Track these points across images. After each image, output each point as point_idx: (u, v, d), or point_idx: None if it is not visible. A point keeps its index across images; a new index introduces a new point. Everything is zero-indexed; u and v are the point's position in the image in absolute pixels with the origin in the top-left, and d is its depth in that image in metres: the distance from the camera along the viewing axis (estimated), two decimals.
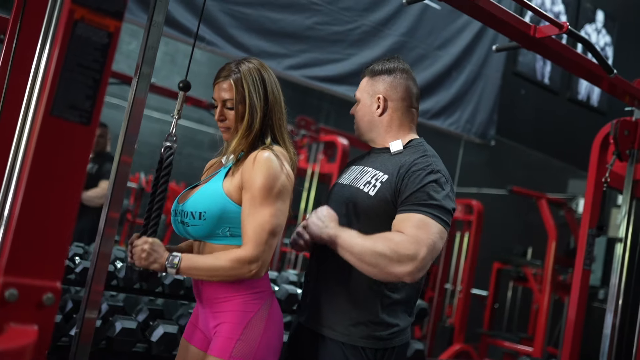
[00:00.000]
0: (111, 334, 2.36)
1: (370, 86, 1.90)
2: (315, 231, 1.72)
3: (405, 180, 1.71)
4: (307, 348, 1.83)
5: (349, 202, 1.81)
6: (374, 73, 1.91)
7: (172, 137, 1.77)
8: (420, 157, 1.76)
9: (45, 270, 0.90)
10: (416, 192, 1.68)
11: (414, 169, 1.72)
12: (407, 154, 1.80)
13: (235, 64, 1.75)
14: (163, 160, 1.73)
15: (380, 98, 1.87)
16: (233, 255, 1.61)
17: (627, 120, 2.64)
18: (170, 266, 1.61)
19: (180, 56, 8.02)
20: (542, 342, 5.33)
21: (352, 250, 1.64)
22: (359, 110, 1.92)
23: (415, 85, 1.94)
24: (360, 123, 1.93)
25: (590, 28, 6.58)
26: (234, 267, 1.60)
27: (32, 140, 0.91)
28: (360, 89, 1.93)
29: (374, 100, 1.88)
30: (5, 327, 0.86)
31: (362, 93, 1.91)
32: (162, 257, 1.62)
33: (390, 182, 1.74)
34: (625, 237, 2.72)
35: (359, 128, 1.94)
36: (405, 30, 4.32)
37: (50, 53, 0.99)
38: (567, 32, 2.07)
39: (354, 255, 1.64)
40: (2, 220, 1.01)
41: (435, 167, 1.73)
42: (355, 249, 1.64)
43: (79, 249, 2.83)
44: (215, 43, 3.51)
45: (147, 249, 1.62)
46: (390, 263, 1.59)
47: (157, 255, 1.62)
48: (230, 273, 1.61)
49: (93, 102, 0.90)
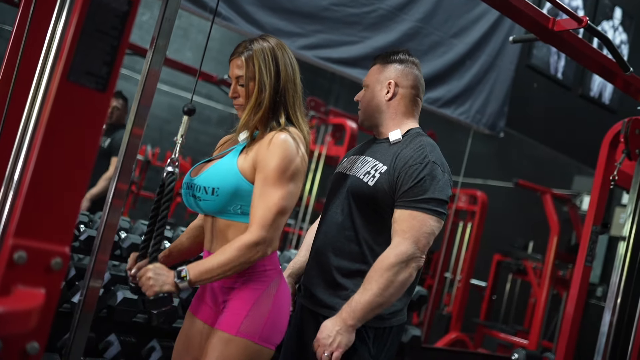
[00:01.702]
0: (112, 303, 2.38)
1: (380, 73, 1.94)
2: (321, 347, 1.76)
3: (402, 174, 1.77)
4: (309, 328, 1.86)
5: (349, 192, 1.86)
6: (385, 61, 1.95)
7: (175, 162, 1.73)
8: (416, 150, 1.82)
9: (55, 235, 0.90)
10: (413, 187, 1.75)
11: (411, 163, 1.78)
12: (404, 145, 1.85)
13: (250, 41, 1.75)
14: (165, 186, 1.70)
15: (391, 83, 1.91)
16: (238, 243, 1.60)
17: (639, 120, 2.62)
18: (180, 281, 1.59)
19: (193, 30, 7.98)
20: (538, 335, 5.35)
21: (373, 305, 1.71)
22: (367, 95, 1.96)
23: (422, 78, 2.00)
24: (366, 108, 1.96)
25: (607, 25, 6.51)
26: (242, 254, 1.59)
27: (47, 104, 0.90)
28: (369, 75, 1.97)
29: (384, 86, 1.92)
30: (13, 288, 0.86)
31: (371, 79, 1.95)
32: (169, 277, 1.59)
33: (388, 174, 1.80)
34: (628, 236, 2.71)
35: (365, 113, 1.97)
36: (422, 16, 4.28)
37: (69, 18, 0.98)
38: (586, 27, 2.05)
39: (380, 304, 1.72)
40: (13, 183, 1.01)
41: (430, 158, 1.79)
42: (376, 302, 1.71)
43: (84, 217, 2.85)
44: (230, 18, 3.48)
45: (152, 275, 1.59)
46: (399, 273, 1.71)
47: (164, 277, 1.60)
48: (241, 261, 1.60)
49: (110, 69, 0.90)
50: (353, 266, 1.82)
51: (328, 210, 1.94)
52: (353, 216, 1.84)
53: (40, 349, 0.89)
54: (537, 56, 5.88)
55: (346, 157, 2.07)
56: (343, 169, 1.99)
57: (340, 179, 1.95)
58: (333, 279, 1.83)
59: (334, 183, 1.98)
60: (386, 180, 1.78)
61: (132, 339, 2.48)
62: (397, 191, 1.77)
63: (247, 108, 1.71)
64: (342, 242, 1.84)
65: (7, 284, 0.86)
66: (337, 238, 1.85)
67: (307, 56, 3.83)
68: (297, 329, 1.93)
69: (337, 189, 1.94)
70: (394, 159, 1.81)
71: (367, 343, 1.79)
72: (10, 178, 1.08)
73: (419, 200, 1.74)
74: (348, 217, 1.85)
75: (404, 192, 1.75)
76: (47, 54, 1.10)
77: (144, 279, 1.60)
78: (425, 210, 1.73)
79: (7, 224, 0.91)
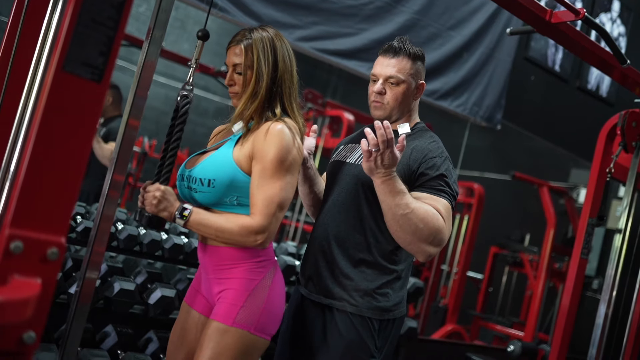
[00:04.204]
0: (109, 294, 2.38)
1: (413, 70, 1.90)
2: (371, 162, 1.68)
3: (423, 165, 1.78)
4: (312, 319, 1.86)
5: (359, 180, 1.84)
6: (414, 57, 1.90)
7: (189, 85, 1.75)
8: (431, 143, 1.85)
9: (51, 225, 0.90)
10: (436, 177, 1.77)
11: (431, 155, 1.80)
12: (416, 137, 1.88)
13: (249, 30, 1.75)
14: (179, 109, 1.72)
15: (423, 85, 1.94)
16: (242, 221, 1.62)
17: (635, 112, 2.63)
18: (179, 217, 1.62)
19: (190, 22, 7.96)
20: (534, 327, 5.38)
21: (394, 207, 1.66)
22: (403, 92, 1.88)
23: None
24: (397, 104, 1.89)
25: (605, 17, 6.50)
26: (241, 233, 1.61)
27: (42, 95, 0.90)
28: (402, 69, 1.88)
29: (416, 85, 1.92)
30: (9, 278, 0.87)
31: (406, 75, 1.88)
32: (172, 206, 1.63)
33: (401, 164, 1.79)
34: (624, 229, 2.73)
35: (395, 108, 1.90)
36: (419, 8, 4.27)
37: (65, 8, 0.98)
38: (583, 19, 2.05)
39: (393, 213, 1.67)
40: (9, 174, 1.01)
41: (446, 153, 1.84)
42: (398, 210, 1.66)
43: (80, 209, 2.85)
44: (227, 10, 3.47)
45: (159, 196, 1.62)
46: (425, 240, 1.69)
47: (168, 203, 1.63)
48: (236, 238, 1.62)
49: (106, 60, 0.90)
50: (357, 256, 1.81)
51: (328, 200, 1.92)
52: (360, 205, 1.83)
53: (37, 338, 0.89)
54: (535, 48, 5.88)
55: (341, 144, 2.06)
56: (341, 157, 1.96)
57: (339, 167, 1.93)
58: (337, 269, 1.82)
59: (332, 172, 1.96)
60: (400, 170, 1.77)
61: (129, 330, 2.49)
62: (419, 179, 1.78)
63: (243, 97, 1.71)
64: (345, 231, 1.83)
65: (3, 273, 0.86)
66: (340, 227, 1.85)
67: (304, 48, 3.82)
68: (294, 320, 1.93)
69: (337, 177, 1.92)
70: (409, 149, 1.82)
71: (373, 336, 1.79)
72: (7, 169, 1.08)
73: (443, 191, 1.76)
74: (353, 205, 1.83)
75: (428, 180, 1.77)
76: (43, 44, 1.09)
77: (150, 195, 1.63)
78: (449, 202, 1.77)
79: (4, 214, 0.91)
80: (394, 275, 1.82)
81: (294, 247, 3.19)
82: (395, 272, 1.83)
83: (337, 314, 1.79)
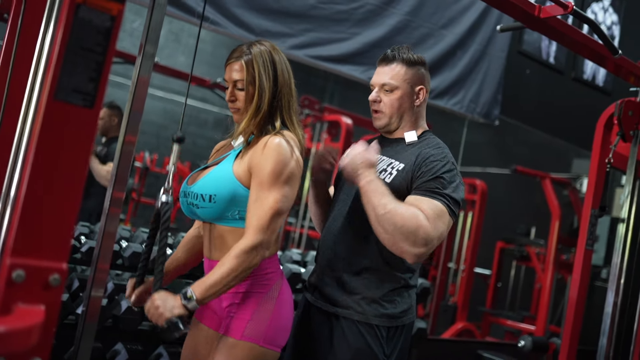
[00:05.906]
0: (117, 312, 2.39)
1: (409, 75, 1.89)
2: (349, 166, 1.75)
3: (422, 169, 1.77)
4: (319, 326, 1.86)
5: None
6: (410, 63, 1.89)
7: (169, 191, 1.68)
8: (436, 149, 1.83)
9: (51, 252, 0.91)
10: (432, 180, 1.74)
11: (432, 159, 1.78)
12: (422, 145, 1.86)
13: (247, 45, 1.75)
14: (161, 216, 1.66)
15: (422, 90, 1.91)
16: (235, 251, 1.59)
17: (631, 101, 2.62)
18: (187, 302, 1.56)
19: (184, 35, 7.99)
20: (545, 320, 5.37)
21: (375, 208, 1.68)
22: (398, 98, 1.88)
23: None
24: (395, 111, 1.90)
25: (597, 7, 6.50)
26: (242, 260, 1.58)
27: (36, 124, 0.91)
28: (395, 76, 1.88)
29: (414, 91, 1.90)
30: (12, 307, 0.88)
31: (400, 81, 1.88)
32: (176, 301, 1.57)
33: (406, 171, 1.79)
34: (627, 218, 2.72)
35: (391, 115, 1.90)
36: (410, 9, 4.28)
37: (54, 35, 0.99)
38: (572, 12, 2.06)
39: (375, 213, 1.68)
40: (9, 204, 1.02)
41: (449, 159, 1.80)
42: (379, 210, 1.67)
43: (84, 229, 2.86)
44: (218, 22, 3.48)
45: (159, 303, 1.56)
46: (406, 240, 1.65)
47: (170, 301, 1.57)
48: (242, 267, 1.59)
49: (96, 85, 0.91)
50: (362, 264, 1.81)
51: (335, 208, 1.94)
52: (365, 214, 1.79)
53: None
54: (528, 42, 5.88)
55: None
56: None
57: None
58: (343, 278, 1.82)
59: (339, 181, 1.97)
60: (405, 177, 1.78)
61: (139, 346, 2.50)
62: (415, 183, 1.76)
63: (248, 113, 1.70)
64: (352, 240, 1.84)
65: (7, 302, 0.87)
66: (346, 236, 1.85)
67: (297, 55, 3.83)
68: (301, 327, 1.93)
69: (343, 187, 1.94)
70: (414, 157, 1.80)
71: (381, 343, 1.78)
72: (6, 198, 1.09)
73: (437, 193, 1.72)
74: (359, 215, 1.81)
75: (423, 183, 1.74)
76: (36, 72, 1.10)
77: (152, 309, 1.57)
78: (446, 205, 1.71)
79: (5, 243, 0.93)
80: (401, 283, 1.82)
81: (298, 254, 3.19)
82: (403, 280, 1.83)
83: (343, 322, 1.80)
